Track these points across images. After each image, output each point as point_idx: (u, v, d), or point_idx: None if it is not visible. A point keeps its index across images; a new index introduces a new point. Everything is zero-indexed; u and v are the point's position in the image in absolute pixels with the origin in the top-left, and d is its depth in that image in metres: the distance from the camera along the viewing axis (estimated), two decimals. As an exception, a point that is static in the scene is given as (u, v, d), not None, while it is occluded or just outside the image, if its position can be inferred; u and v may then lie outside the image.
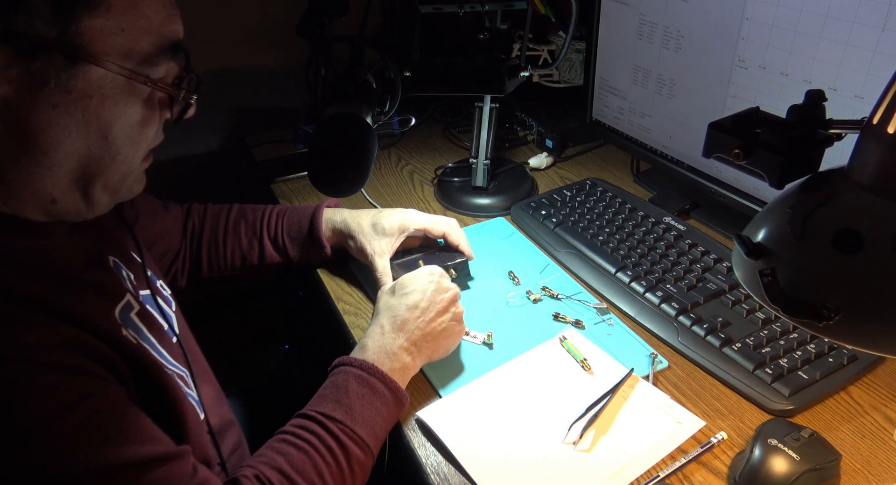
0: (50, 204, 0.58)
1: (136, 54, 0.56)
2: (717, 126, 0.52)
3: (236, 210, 1.01)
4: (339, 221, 0.98)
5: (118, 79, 0.56)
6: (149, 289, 0.73)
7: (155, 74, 0.58)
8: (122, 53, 0.55)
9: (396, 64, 0.92)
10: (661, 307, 0.91)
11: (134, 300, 0.66)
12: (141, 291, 0.71)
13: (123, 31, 0.55)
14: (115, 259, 0.70)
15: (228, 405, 0.85)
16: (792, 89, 0.90)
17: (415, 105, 1.49)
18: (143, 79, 0.57)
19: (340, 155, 0.85)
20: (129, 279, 0.70)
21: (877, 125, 0.44)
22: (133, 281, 0.70)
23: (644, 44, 1.10)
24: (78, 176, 0.58)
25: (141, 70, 0.57)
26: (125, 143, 0.59)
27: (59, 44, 0.52)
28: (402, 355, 0.78)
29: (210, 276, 0.98)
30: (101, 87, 0.55)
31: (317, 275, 1.02)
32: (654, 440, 0.74)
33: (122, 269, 0.70)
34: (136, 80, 0.57)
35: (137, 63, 0.57)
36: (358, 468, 0.70)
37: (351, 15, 0.93)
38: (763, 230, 0.50)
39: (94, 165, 0.58)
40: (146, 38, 0.57)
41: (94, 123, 0.56)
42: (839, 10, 0.81)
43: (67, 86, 0.53)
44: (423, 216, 0.97)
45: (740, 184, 1.02)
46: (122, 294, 0.64)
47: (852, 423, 0.76)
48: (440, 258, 0.99)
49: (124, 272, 0.70)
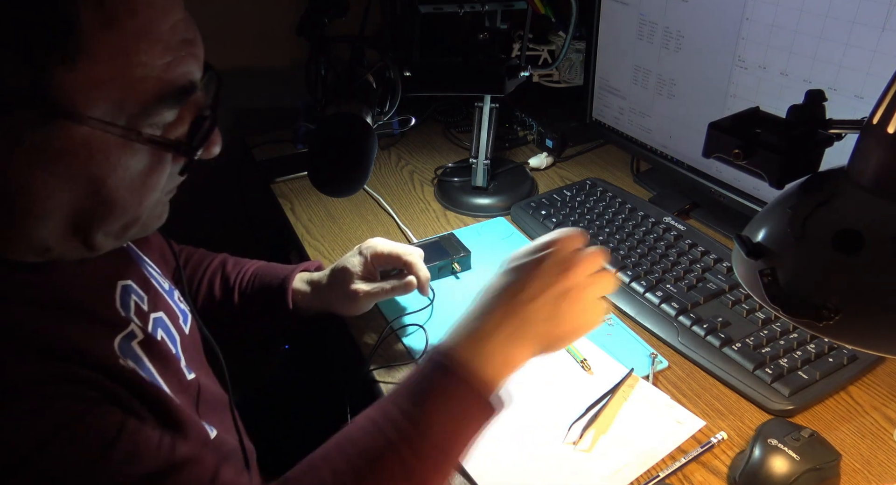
0: (45, 251, 0.53)
1: (130, 106, 0.49)
2: (717, 126, 0.52)
3: (218, 261, 0.94)
4: (313, 272, 0.93)
5: (108, 136, 0.49)
6: (162, 311, 0.68)
7: (161, 121, 0.52)
8: (110, 106, 0.48)
9: (396, 64, 0.92)
10: (661, 307, 0.91)
11: (139, 329, 0.61)
12: (153, 314, 0.67)
13: (112, 81, 0.47)
14: (126, 283, 0.65)
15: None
16: (792, 89, 0.90)
17: (415, 105, 1.48)
18: (135, 135, 0.50)
19: (340, 155, 0.85)
20: (139, 304, 0.65)
21: (877, 125, 0.44)
22: (145, 304, 0.66)
23: (644, 44, 1.10)
24: (72, 226, 0.52)
25: (138, 123, 0.50)
26: (123, 195, 0.52)
27: (31, 100, 0.45)
28: (498, 344, 0.61)
29: None
30: (86, 145, 0.48)
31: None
32: (654, 440, 0.74)
33: (133, 293, 0.65)
34: (127, 137, 0.49)
35: (133, 116, 0.49)
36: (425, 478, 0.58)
37: (351, 15, 0.93)
38: (763, 230, 0.50)
39: (88, 216, 0.52)
40: (142, 88, 0.49)
41: (81, 178, 0.49)
42: (839, 10, 0.81)
43: (44, 144, 0.47)
44: (387, 244, 0.89)
45: (740, 184, 1.02)
46: (125, 324, 0.60)
47: (852, 423, 0.76)
48: (442, 251, 0.99)
49: (134, 297, 0.65)
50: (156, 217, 0.59)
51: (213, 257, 0.96)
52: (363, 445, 0.58)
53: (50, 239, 0.52)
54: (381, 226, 1.16)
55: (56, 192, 0.49)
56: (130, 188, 0.53)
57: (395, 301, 0.96)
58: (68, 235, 0.53)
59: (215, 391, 0.75)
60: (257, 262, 0.96)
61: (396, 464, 0.57)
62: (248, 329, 0.94)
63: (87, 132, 0.48)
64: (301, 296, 0.90)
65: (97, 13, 0.46)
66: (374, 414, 0.60)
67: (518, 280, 0.64)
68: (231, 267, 0.94)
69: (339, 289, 0.87)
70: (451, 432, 0.59)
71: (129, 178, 0.52)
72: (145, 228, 0.58)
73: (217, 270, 0.94)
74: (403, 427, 0.58)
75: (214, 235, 1.59)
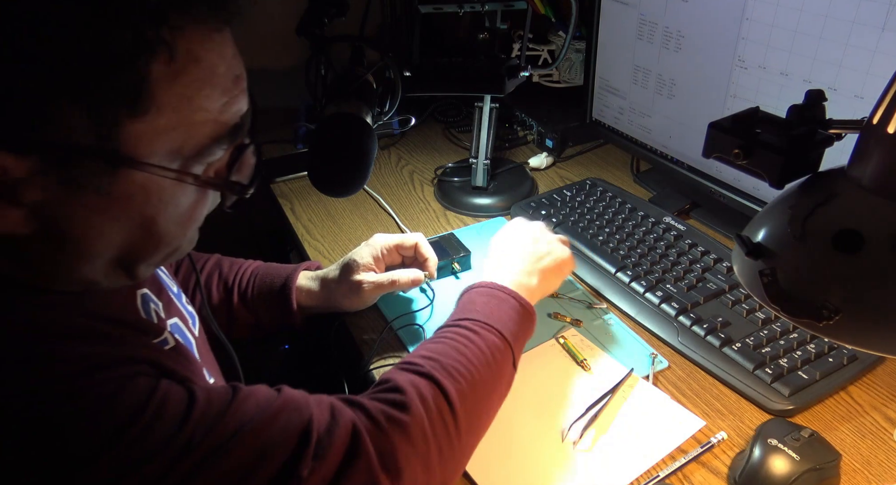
0: (90, 284, 0.54)
1: (188, 149, 0.50)
2: (717, 126, 0.52)
3: (213, 262, 0.94)
4: (316, 271, 0.93)
5: (165, 179, 0.50)
6: (177, 316, 0.69)
7: (211, 159, 0.53)
8: (171, 151, 0.49)
9: (396, 64, 0.92)
10: (661, 307, 0.91)
11: (170, 336, 0.62)
12: (169, 320, 0.68)
13: (175, 130, 0.48)
14: (144, 291, 0.66)
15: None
16: (792, 89, 0.90)
17: (415, 105, 1.49)
18: (191, 179, 0.51)
19: (340, 155, 0.85)
20: (157, 311, 0.66)
21: (877, 125, 0.44)
22: (162, 311, 0.67)
23: (644, 44, 1.10)
24: (119, 262, 0.54)
25: (191, 166, 0.51)
26: (171, 229, 0.54)
27: (98, 151, 0.46)
28: (524, 278, 0.80)
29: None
30: (144, 189, 0.50)
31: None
32: (653, 440, 0.74)
33: (150, 301, 0.66)
34: (183, 180, 0.51)
35: (188, 158, 0.51)
36: (500, 357, 0.71)
37: (351, 15, 0.92)
38: (763, 230, 0.50)
39: (135, 252, 0.54)
40: (201, 131, 0.50)
41: (135, 218, 0.51)
42: (839, 10, 0.81)
43: (107, 191, 0.48)
44: (390, 236, 0.93)
45: (740, 184, 1.02)
46: (158, 330, 0.61)
47: (852, 423, 0.76)
48: (442, 250, 0.99)
49: (152, 305, 0.66)
50: (189, 242, 0.60)
51: (206, 258, 0.95)
52: (450, 342, 0.70)
53: (97, 274, 0.53)
54: (381, 226, 1.16)
55: (110, 234, 0.51)
56: (178, 222, 0.54)
57: (395, 301, 0.96)
58: (115, 269, 0.54)
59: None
60: (254, 262, 0.96)
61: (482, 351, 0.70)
62: (248, 330, 0.94)
63: (146, 177, 0.49)
64: (305, 294, 0.90)
65: (167, 66, 0.46)
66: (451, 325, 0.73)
67: (520, 233, 0.87)
68: (228, 268, 0.94)
69: (347, 282, 0.88)
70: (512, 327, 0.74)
71: (178, 214, 0.54)
72: (181, 254, 0.60)
73: (213, 272, 0.93)
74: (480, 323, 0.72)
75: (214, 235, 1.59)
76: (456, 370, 0.66)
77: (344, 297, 0.89)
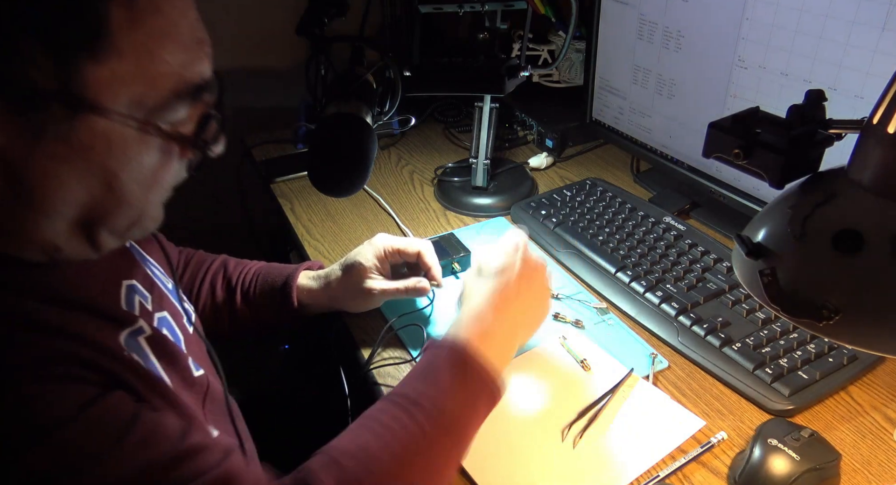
0: (53, 250, 0.54)
1: (150, 101, 0.51)
2: (717, 126, 0.52)
3: (219, 262, 0.95)
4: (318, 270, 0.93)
5: (127, 129, 0.50)
6: (166, 310, 0.69)
7: (174, 117, 0.53)
8: (133, 101, 0.50)
9: (396, 64, 0.92)
10: (661, 307, 0.91)
11: (146, 325, 0.62)
12: (157, 313, 0.68)
13: (136, 78, 0.49)
14: (131, 282, 0.66)
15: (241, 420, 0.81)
16: (792, 89, 0.90)
17: (415, 105, 1.48)
18: (154, 129, 0.52)
19: (340, 155, 0.85)
20: (143, 303, 0.66)
21: (877, 125, 0.44)
22: (149, 304, 0.67)
23: (644, 44, 1.10)
24: (80, 223, 0.53)
25: (154, 118, 0.52)
26: (134, 189, 0.54)
27: (60, 95, 0.47)
28: (500, 340, 0.72)
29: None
30: (106, 137, 0.50)
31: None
32: (653, 440, 0.74)
33: (137, 292, 0.66)
34: (146, 131, 0.51)
35: (150, 110, 0.51)
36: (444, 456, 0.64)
37: (351, 15, 0.92)
38: (763, 230, 0.50)
39: (97, 211, 0.53)
40: (163, 84, 0.51)
41: (97, 172, 0.51)
42: (839, 10, 0.81)
43: (68, 138, 0.48)
44: (395, 238, 0.91)
45: (740, 184, 1.02)
46: (132, 319, 0.61)
47: (852, 423, 0.76)
48: (442, 251, 0.99)
49: (138, 296, 0.66)
50: (153, 219, 0.60)
51: (213, 259, 0.96)
52: (387, 422, 0.63)
53: (59, 237, 0.53)
54: (381, 226, 1.16)
55: (71, 186, 0.51)
56: (140, 183, 0.54)
57: (395, 301, 0.96)
58: (76, 232, 0.54)
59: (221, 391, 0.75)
60: (259, 262, 0.96)
61: (420, 439, 0.62)
62: (251, 329, 0.94)
63: (108, 125, 0.49)
64: (306, 293, 0.90)
65: (126, 11, 0.48)
66: (393, 398, 0.66)
67: (506, 282, 0.75)
68: (232, 268, 0.94)
69: (352, 284, 0.88)
70: (467, 415, 0.67)
71: (141, 172, 0.53)
72: (144, 229, 0.59)
73: (218, 272, 0.94)
74: (426, 408, 0.64)
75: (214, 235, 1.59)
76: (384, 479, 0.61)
77: (349, 298, 0.89)
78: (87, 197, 0.52)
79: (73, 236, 0.54)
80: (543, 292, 0.80)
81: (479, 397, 0.68)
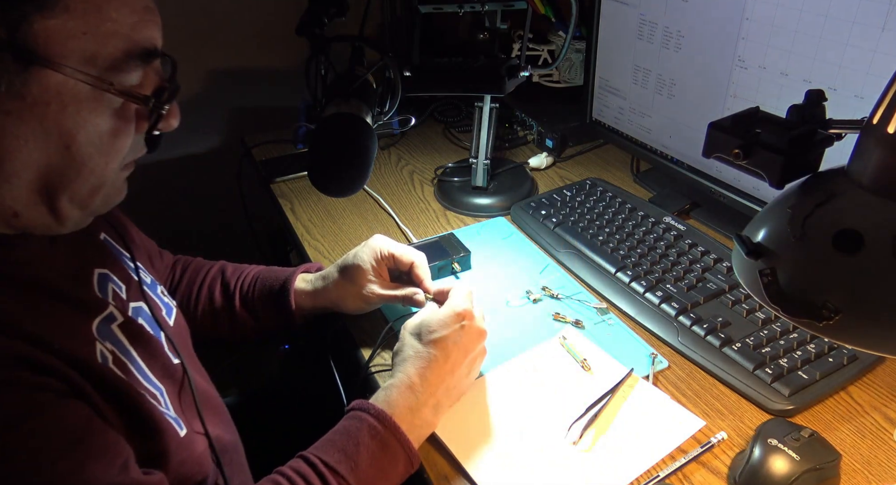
0: (12, 217, 0.54)
1: (101, 60, 0.52)
2: (717, 126, 0.52)
3: (217, 267, 0.95)
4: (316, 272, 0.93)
5: (80, 86, 0.51)
6: (142, 300, 0.70)
7: (127, 82, 0.54)
8: (84, 58, 0.51)
9: (396, 64, 0.92)
10: (661, 307, 0.91)
11: (118, 312, 0.63)
12: (132, 303, 0.68)
13: (85, 34, 0.51)
14: (104, 271, 0.67)
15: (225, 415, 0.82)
16: (792, 89, 0.90)
17: (415, 105, 1.49)
18: (107, 86, 0.52)
19: (340, 155, 0.85)
20: (117, 291, 0.67)
21: (877, 125, 0.44)
22: (123, 293, 0.68)
23: (644, 44, 1.10)
24: (40, 188, 0.54)
25: (107, 77, 0.53)
26: (92, 153, 0.54)
27: (9, 46, 0.48)
28: (427, 414, 0.74)
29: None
30: (60, 94, 0.51)
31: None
32: (653, 440, 0.74)
33: (111, 281, 0.67)
34: (99, 87, 0.52)
35: (103, 69, 0.52)
36: None
37: (351, 15, 0.92)
38: (763, 230, 0.50)
39: (56, 176, 0.54)
40: (113, 43, 0.52)
41: (53, 132, 0.52)
42: (839, 10, 0.81)
43: (20, 91, 0.49)
44: (392, 243, 0.90)
45: (740, 184, 1.02)
46: (104, 306, 0.61)
47: (852, 423, 0.76)
48: (442, 251, 0.99)
49: (111, 285, 0.67)
50: (116, 191, 0.61)
51: (211, 265, 0.96)
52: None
53: (17, 203, 0.54)
54: (381, 226, 1.16)
55: (27, 147, 0.51)
56: (98, 147, 0.55)
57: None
58: (36, 199, 0.54)
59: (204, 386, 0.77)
60: (257, 266, 0.96)
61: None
62: (250, 333, 0.94)
63: (60, 81, 0.50)
64: (304, 295, 0.91)
65: None
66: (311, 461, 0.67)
67: (446, 354, 0.75)
68: (230, 273, 0.95)
69: (350, 288, 0.88)
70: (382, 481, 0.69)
71: (98, 135, 0.54)
72: (107, 201, 0.60)
73: (216, 277, 0.94)
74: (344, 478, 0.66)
75: (214, 235, 1.59)
76: None
77: (346, 302, 0.89)
78: (44, 159, 0.52)
79: (33, 204, 0.54)
80: (477, 364, 0.80)
81: (396, 468, 0.70)
